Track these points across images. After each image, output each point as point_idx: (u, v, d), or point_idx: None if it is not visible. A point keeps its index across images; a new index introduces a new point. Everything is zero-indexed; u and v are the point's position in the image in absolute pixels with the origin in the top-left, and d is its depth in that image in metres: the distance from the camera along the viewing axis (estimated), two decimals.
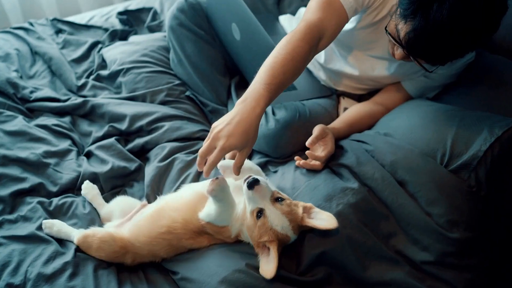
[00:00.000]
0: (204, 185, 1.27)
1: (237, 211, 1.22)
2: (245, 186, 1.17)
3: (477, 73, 1.55)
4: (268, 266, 1.14)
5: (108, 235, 1.25)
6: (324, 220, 1.18)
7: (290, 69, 1.26)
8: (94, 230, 1.28)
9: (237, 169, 1.19)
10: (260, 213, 1.17)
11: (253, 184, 1.16)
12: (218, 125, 1.17)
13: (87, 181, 1.48)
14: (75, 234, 1.28)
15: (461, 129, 1.33)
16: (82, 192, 1.47)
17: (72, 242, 1.30)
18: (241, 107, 1.18)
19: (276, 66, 1.24)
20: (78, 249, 1.28)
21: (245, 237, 1.23)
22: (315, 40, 1.33)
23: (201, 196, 1.25)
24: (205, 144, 1.16)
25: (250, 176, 1.18)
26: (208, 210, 1.21)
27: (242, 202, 1.22)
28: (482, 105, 1.46)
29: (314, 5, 1.38)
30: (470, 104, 1.48)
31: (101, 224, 1.40)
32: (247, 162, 1.29)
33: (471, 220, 1.26)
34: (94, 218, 1.42)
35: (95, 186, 1.49)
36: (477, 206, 1.27)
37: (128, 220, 1.34)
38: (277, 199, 1.19)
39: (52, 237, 1.32)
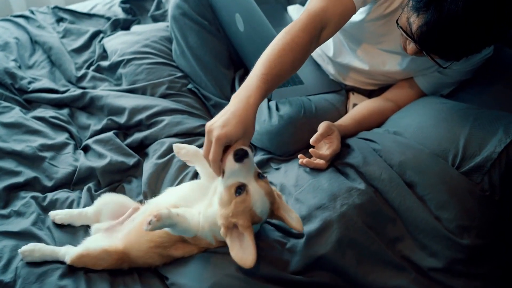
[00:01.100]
0: (179, 193, 1.27)
1: (199, 219, 1.17)
2: (230, 158, 1.07)
3: (495, 70, 1.51)
4: (246, 255, 1.06)
5: (103, 252, 1.22)
6: (293, 219, 1.14)
7: (288, 60, 1.24)
8: (88, 249, 1.24)
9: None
10: (240, 189, 1.08)
11: (242, 157, 1.06)
12: (211, 121, 1.13)
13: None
14: (65, 253, 1.25)
15: (475, 129, 1.31)
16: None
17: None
18: (235, 100, 1.16)
19: (272, 57, 1.22)
20: None
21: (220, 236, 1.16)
22: (317, 30, 1.31)
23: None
24: (204, 145, 1.12)
25: (238, 148, 1.08)
26: (166, 229, 1.16)
27: (206, 205, 1.18)
28: (499, 104, 1.43)
29: None
30: (486, 103, 1.45)
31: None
32: None
33: (483, 225, 1.23)
34: None
35: (61, 212, 1.39)
36: (490, 211, 1.24)
37: (120, 224, 1.32)
38: (259, 175, 1.11)
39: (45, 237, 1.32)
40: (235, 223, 1.09)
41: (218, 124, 1.09)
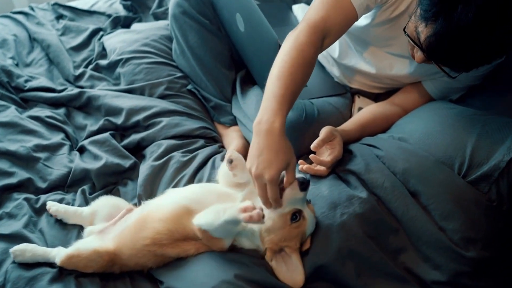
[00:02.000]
0: (188, 194, 1.27)
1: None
2: (295, 187, 1.16)
3: (507, 75, 1.49)
4: (295, 276, 1.16)
5: (94, 253, 1.23)
6: None
7: (299, 75, 1.26)
8: (78, 250, 1.25)
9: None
10: (296, 215, 1.16)
11: (308, 185, 1.16)
12: (253, 163, 1.15)
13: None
14: (56, 254, 1.26)
15: (482, 136, 1.29)
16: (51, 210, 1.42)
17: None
18: (259, 130, 1.18)
19: (284, 76, 1.24)
20: None
21: (241, 243, 1.22)
22: (320, 41, 1.31)
23: (187, 209, 1.22)
24: (259, 192, 1.15)
25: (299, 176, 1.17)
26: (212, 220, 1.15)
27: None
28: (509, 110, 1.41)
29: (317, 2, 1.35)
30: (495, 109, 1.43)
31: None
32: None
33: (490, 237, 1.21)
34: None
35: (59, 204, 1.42)
36: (497, 222, 1.23)
37: (112, 225, 1.32)
38: (308, 201, 1.21)
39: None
40: (282, 247, 1.16)
41: (264, 166, 1.13)
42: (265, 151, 1.14)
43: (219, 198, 1.25)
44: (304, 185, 1.15)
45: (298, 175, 1.17)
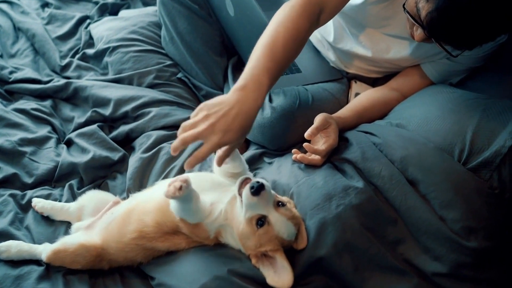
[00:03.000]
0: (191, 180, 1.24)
1: (216, 211, 1.18)
2: (247, 191, 1.12)
3: (509, 57, 1.46)
4: (283, 276, 1.12)
5: (81, 247, 1.23)
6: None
7: (292, 50, 1.23)
8: (65, 245, 1.24)
9: (221, 161, 1.15)
10: (261, 220, 1.13)
11: (259, 190, 1.11)
12: (212, 113, 1.10)
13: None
14: (42, 250, 1.26)
15: (483, 121, 1.27)
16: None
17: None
18: (240, 96, 1.13)
19: (276, 47, 1.20)
20: None
21: (227, 239, 1.20)
22: (315, 15, 1.28)
23: None
24: (193, 132, 1.09)
25: (247, 178, 1.14)
26: (172, 205, 1.17)
27: (223, 201, 1.19)
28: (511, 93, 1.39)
29: None
30: (498, 92, 1.40)
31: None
32: (236, 153, 1.25)
33: (491, 227, 1.20)
34: None
35: (45, 201, 1.41)
36: (499, 210, 1.21)
37: (99, 219, 1.32)
38: (278, 204, 1.16)
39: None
40: (264, 252, 1.14)
41: (221, 127, 1.08)
42: (232, 115, 1.09)
43: (212, 187, 1.24)
44: (254, 189, 1.10)
45: (254, 179, 1.14)
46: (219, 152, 1.15)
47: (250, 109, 1.12)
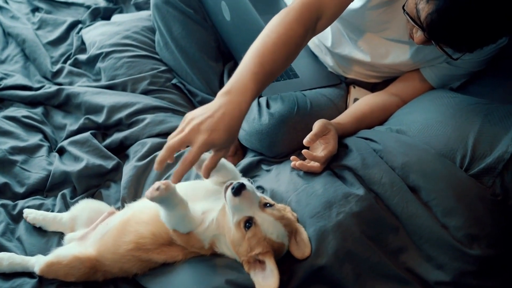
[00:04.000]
0: (183, 188, 1.23)
1: (208, 219, 1.18)
2: (229, 193, 1.12)
3: (509, 61, 1.48)
4: (267, 281, 1.11)
5: (75, 259, 1.22)
6: (298, 245, 1.20)
7: (282, 56, 1.22)
8: (58, 257, 1.24)
9: (208, 172, 1.14)
10: (249, 222, 1.13)
11: (240, 189, 1.12)
12: (197, 116, 1.11)
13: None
14: (35, 263, 1.25)
15: (485, 126, 1.28)
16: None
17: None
18: (225, 100, 1.13)
19: (265, 53, 1.20)
20: None
21: (221, 249, 1.20)
22: (312, 21, 1.28)
23: None
24: (180, 136, 1.09)
25: (231, 182, 1.14)
26: (161, 215, 1.17)
27: (216, 209, 1.19)
28: None
29: None
30: (500, 97, 1.41)
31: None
32: (223, 163, 1.25)
33: (495, 234, 1.21)
34: None
35: (37, 211, 1.40)
36: (502, 217, 1.22)
37: (93, 230, 1.31)
38: (265, 205, 1.16)
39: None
40: (255, 256, 1.13)
41: (206, 127, 1.08)
42: (217, 116, 1.09)
43: (206, 196, 1.24)
44: (234, 189, 1.11)
45: (236, 181, 1.14)
46: (206, 162, 1.14)
47: (234, 113, 1.12)
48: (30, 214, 1.39)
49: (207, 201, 1.22)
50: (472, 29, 1.13)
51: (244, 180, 1.16)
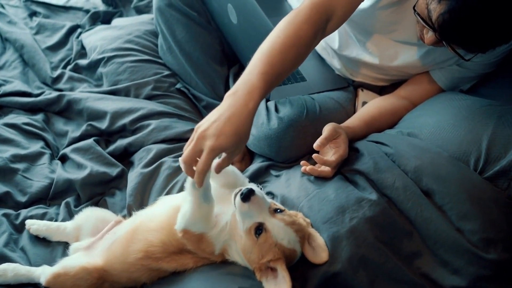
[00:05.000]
0: (182, 201, 1.24)
1: (221, 223, 1.19)
2: (238, 199, 1.13)
3: None
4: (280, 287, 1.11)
5: (82, 270, 1.23)
6: (315, 250, 1.20)
7: (291, 56, 1.22)
8: (65, 268, 1.24)
9: (220, 169, 1.15)
10: (259, 229, 1.14)
11: (248, 195, 1.12)
12: (204, 122, 1.12)
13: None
14: (41, 273, 1.26)
15: (499, 128, 1.29)
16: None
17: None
18: (231, 101, 1.14)
19: (274, 53, 1.21)
20: None
21: (233, 256, 1.20)
22: (322, 22, 1.29)
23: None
24: (189, 147, 1.11)
25: (240, 188, 1.15)
26: (183, 210, 1.17)
27: (228, 213, 1.19)
28: None
29: None
30: (511, 98, 1.42)
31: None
32: (232, 169, 1.27)
33: (511, 238, 1.21)
34: None
35: (39, 222, 1.41)
36: None
37: (99, 239, 1.31)
38: (275, 211, 1.17)
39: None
40: (267, 263, 1.14)
41: (212, 132, 1.08)
42: (223, 119, 1.10)
43: (216, 199, 1.23)
44: (243, 195, 1.12)
45: (245, 187, 1.15)
46: (218, 161, 1.15)
47: (241, 113, 1.12)
48: (33, 225, 1.39)
49: (217, 204, 1.22)
50: (485, 29, 1.14)
51: (253, 186, 1.17)
